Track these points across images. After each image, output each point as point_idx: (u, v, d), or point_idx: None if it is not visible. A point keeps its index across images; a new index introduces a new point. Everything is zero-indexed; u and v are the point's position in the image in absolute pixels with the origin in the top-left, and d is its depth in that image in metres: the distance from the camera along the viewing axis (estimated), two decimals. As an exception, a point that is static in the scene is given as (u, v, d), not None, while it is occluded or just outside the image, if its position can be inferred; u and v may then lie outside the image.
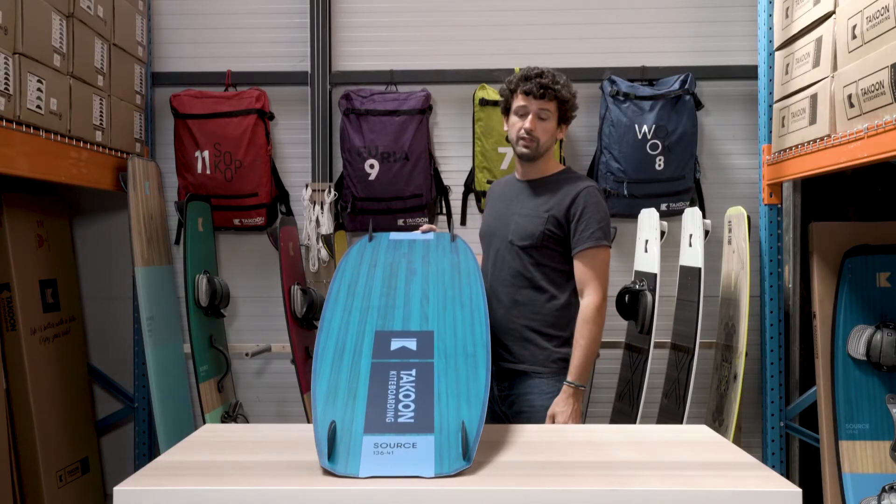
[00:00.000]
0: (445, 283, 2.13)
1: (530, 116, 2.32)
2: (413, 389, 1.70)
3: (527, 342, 2.31)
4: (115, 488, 1.38)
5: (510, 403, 2.35)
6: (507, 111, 2.42)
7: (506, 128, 2.44)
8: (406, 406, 1.65)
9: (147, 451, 3.45)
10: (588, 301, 2.26)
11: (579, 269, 2.29)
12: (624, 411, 3.07)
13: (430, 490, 1.41)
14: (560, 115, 2.36)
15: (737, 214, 3.19)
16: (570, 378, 2.24)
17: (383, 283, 2.11)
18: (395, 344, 1.86)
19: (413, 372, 1.76)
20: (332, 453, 1.50)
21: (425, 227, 2.58)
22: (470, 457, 1.52)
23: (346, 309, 1.97)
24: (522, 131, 2.33)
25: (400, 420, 1.61)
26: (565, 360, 2.28)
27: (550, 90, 2.30)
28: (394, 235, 2.50)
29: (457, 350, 1.84)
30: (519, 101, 2.34)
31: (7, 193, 3.00)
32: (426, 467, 1.49)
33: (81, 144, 2.89)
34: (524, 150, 2.34)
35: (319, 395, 1.66)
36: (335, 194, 3.44)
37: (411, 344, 1.86)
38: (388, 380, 1.73)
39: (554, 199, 2.32)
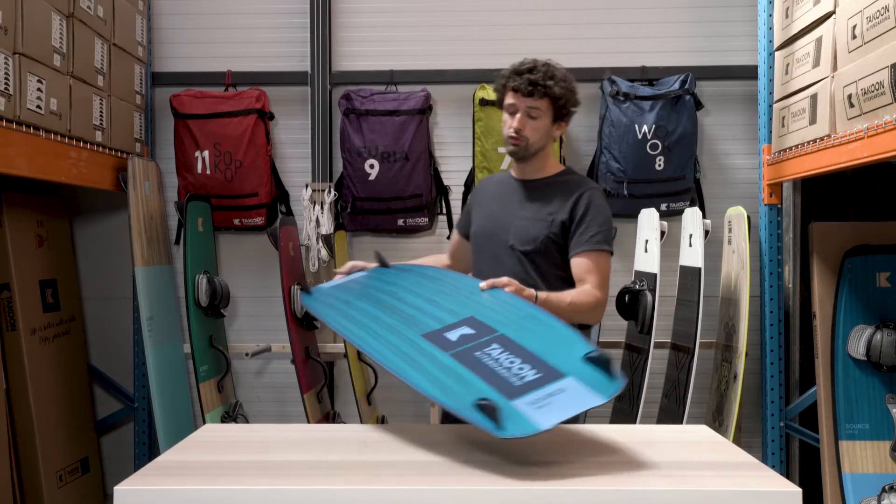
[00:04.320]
0: (434, 287, 2.07)
1: (518, 115, 2.17)
2: (511, 356, 1.63)
3: None
4: (115, 488, 1.38)
5: None
6: (501, 106, 2.29)
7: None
8: (521, 368, 1.57)
9: (147, 451, 3.45)
10: (591, 289, 2.12)
11: (577, 269, 2.16)
12: (624, 411, 3.07)
13: (430, 490, 1.41)
14: (555, 113, 2.19)
15: (737, 214, 3.19)
16: (540, 295, 2.02)
17: (378, 308, 2.00)
18: (452, 336, 1.76)
19: (494, 345, 1.68)
20: (498, 425, 1.43)
21: (347, 266, 2.33)
22: (617, 376, 1.50)
23: (371, 334, 1.86)
24: (511, 130, 2.19)
25: (528, 379, 1.53)
26: None
27: (540, 87, 2.14)
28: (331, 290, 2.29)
29: (508, 319, 1.78)
30: (509, 99, 2.19)
31: (7, 193, 3.00)
32: (591, 399, 1.46)
33: (81, 144, 2.89)
34: (512, 148, 2.21)
35: (434, 391, 1.58)
36: (335, 194, 3.44)
37: (466, 330, 1.77)
38: (481, 360, 1.64)
39: (557, 202, 2.21)
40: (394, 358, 1.73)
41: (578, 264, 2.16)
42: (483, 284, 1.95)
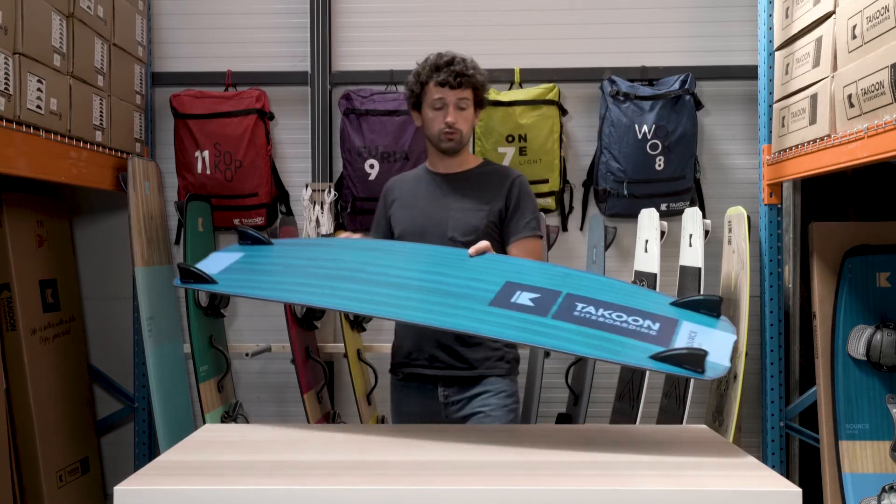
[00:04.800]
0: (407, 258, 2.03)
1: (450, 108, 2.20)
2: (609, 311, 1.63)
3: (476, 345, 2.19)
4: (115, 488, 1.39)
5: (460, 407, 2.21)
6: (417, 105, 2.28)
7: (418, 123, 2.32)
8: (636, 320, 1.59)
9: (147, 451, 3.45)
10: None
11: (516, 254, 2.20)
12: (624, 411, 3.07)
13: (430, 490, 1.41)
14: (476, 102, 2.25)
15: (737, 214, 3.19)
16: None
17: (389, 288, 1.87)
18: (522, 301, 1.71)
19: (579, 304, 1.67)
20: (702, 371, 1.48)
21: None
22: (721, 314, 1.60)
23: (435, 314, 1.76)
24: (444, 125, 2.20)
25: (656, 328, 1.57)
26: (516, 361, 2.27)
27: (466, 77, 2.19)
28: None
29: (544, 278, 1.78)
30: (434, 94, 2.20)
31: (7, 193, 3.00)
32: (724, 336, 1.54)
33: (81, 144, 2.89)
34: (448, 144, 2.23)
35: (595, 352, 1.58)
36: (335, 194, 3.44)
37: (531, 294, 1.73)
38: (589, 316, 1.63)
39: (490, 192, 2.25)
40: (512, 332, 1.67)
41: (517, 249, 2.23)
42: (472, 251, 2.04)
